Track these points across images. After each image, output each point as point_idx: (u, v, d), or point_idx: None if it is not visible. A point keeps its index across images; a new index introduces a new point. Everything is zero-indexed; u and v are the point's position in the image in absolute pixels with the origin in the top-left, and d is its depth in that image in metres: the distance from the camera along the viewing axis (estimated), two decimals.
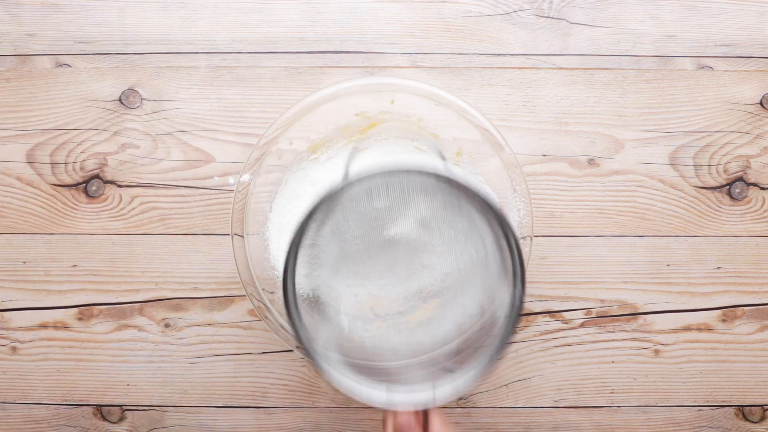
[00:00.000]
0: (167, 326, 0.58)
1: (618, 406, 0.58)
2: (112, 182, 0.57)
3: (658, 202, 0.58)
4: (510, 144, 0.51)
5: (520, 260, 0.39)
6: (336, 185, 0.39)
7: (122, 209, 0.57)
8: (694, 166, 0.58)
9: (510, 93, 0.57)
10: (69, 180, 0.57)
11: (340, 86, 0.50)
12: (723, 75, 0.58)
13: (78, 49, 0.57)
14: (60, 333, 0.58)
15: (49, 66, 0.57)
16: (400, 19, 0.57)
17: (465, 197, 0.40)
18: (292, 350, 0.56)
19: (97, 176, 0.57)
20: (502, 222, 0.39)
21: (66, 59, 0.57)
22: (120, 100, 0.57)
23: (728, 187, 0.58)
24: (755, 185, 0.58)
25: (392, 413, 0.42)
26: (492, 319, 0.42)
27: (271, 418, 0.58)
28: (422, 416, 0.41)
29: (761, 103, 0.58)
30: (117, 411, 0.58)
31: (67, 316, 0.58)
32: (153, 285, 0.58)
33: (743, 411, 0.58)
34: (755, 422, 0.58)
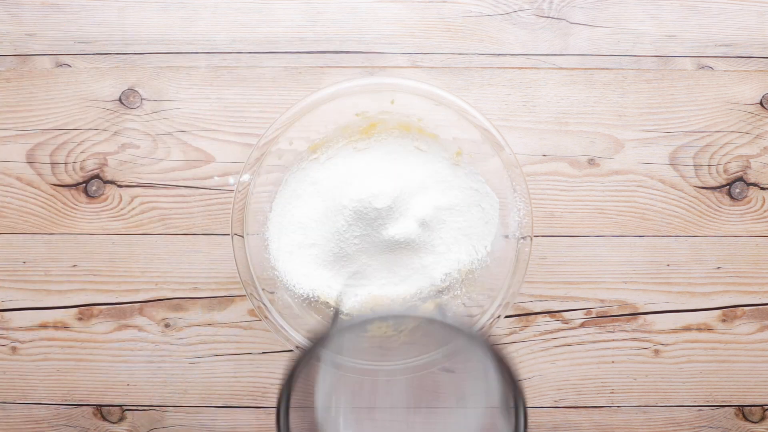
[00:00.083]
0: (167, 326, 0.58)
1: (618, 406, 0.58)
2: (112, 182, 0.57)
3: (658, 202, 0.58)
4: (510, 144, 0.51)
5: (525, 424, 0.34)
6: (324, 337, 0.35)
7: (122, 209, 0.57)
8: (694, 166, 0.58)
9: (510, 93, 0.57)
10: (69, 180, 0.57)
11: (340, 86, 0.50)
12: (723, 75, 0.58)
13: (78, 49, 0.57)
14: (60, 333, 0.58)
15: (49, 66, 0.57)
16: (400, 19, 0.57)
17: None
18: (292, 350, 0.56)
19: (97, 176, 0.57)
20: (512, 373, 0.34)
21: (66, 59, 0.57)
22: (120, 100, 0.57)
23: (728, 187, 0.58)
24: (755, 185, 0.58)
25: None
26: None
27: (271, 418, 0.58)
28: None
29: (761, 103, 0.58)
30: (117, 411, 0.58)
31: (67, 316, 0.58)
32: (153, 285, 0.58)
33: (743, 411, 0.58)
34: (755, 422, 0.58)
